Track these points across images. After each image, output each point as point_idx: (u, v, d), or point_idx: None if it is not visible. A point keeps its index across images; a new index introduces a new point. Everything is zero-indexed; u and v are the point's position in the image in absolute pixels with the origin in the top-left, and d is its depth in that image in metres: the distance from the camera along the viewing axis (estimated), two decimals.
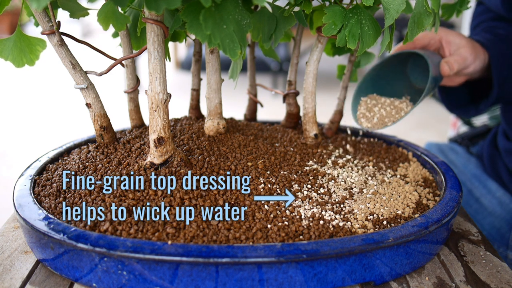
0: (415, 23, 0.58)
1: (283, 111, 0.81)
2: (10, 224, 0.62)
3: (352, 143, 0.76)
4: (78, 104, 2.98)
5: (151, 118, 0.56)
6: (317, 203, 0.58)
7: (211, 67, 0.63)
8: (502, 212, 0.88)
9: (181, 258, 0.46)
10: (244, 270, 0.47)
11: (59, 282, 0.51)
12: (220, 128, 0.66)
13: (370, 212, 0.57)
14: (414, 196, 0.62)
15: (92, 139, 0.75)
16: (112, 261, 0.48)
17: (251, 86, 0.82)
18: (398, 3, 0.54)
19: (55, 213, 0.55)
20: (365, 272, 0.51)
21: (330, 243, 0.49)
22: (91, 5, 0.61)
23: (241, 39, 0.49)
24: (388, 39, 0.58)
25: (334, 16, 0.58)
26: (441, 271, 0.55)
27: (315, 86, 0.69)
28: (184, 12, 0.47)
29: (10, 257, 0.55)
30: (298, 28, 0.71)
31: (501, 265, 0.56)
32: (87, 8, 0.63)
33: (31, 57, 0.61)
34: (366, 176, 0.65)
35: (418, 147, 0.76)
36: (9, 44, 0.61)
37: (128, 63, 0.70)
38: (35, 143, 2.52)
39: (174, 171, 0.58)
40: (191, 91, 0.78)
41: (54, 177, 0.62)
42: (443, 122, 2.72)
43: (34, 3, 0.42)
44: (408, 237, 0.51)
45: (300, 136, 0.72)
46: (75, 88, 0.62)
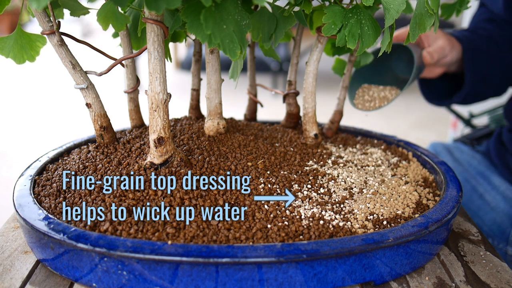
0: (417, 24, 0.58)
1: (283, 111, 0.80)
2: (10, 224, 0.62)
3: (352, 143, 0.76)
4: (78, 104, 2.97)
5: (151, 118, 0.56)
6: (317, 203, 0.58)
7: (211, 67, 0.63)
8: (505, 206, 0.89)
9: (181, 258, 0.46)
10: (244, 270, 0.47)
11: (59, 282, 0.51)
12: (220, 128, 0.66)
13: (370, 212, 0.57)
14: (414, 196, 0.62)
15: (92, 139, 0.75)
16: (112, 261, 0.48)
17: (251, 86, 0.82)
18: (398, 3, 0.54)
19: (55, 213, 0.55)
20: (365, 272, 0.51)
21: (330, 243, 0.49)
22: (91, 5, 0.61)
23: (241, 39, 0.49)
24: (388, 39, 0.58)
25: (334, 16, 0.58)
26: (441, 271, 0.55)
27: (315, 86, 0.69)
28: (184, 12, 0.47)
29: (10, 257, 0.55)
30: (298, 28, 0.71)
31: (501, 265, 0.56)
32: (88, 7, 0.63)
33: (32, 54, 0.61)
34: (366, 176, 0.65)
35: (418, 147, 0.76)
36: (10, 41, 0.61)
37: (128, 63, 0.70)
38: (35, 143, 2.52)
39: (174, 171, 0.58)
40: (191, 91, 0.78)
41: (54, 177, 0.62)
42: (443, 122, 2.72)
43: (34, 3, 0.41)
44: (408, 237, 0.51)
45: (300, 136, 0.72)
46: (75, 88, 0.62)
